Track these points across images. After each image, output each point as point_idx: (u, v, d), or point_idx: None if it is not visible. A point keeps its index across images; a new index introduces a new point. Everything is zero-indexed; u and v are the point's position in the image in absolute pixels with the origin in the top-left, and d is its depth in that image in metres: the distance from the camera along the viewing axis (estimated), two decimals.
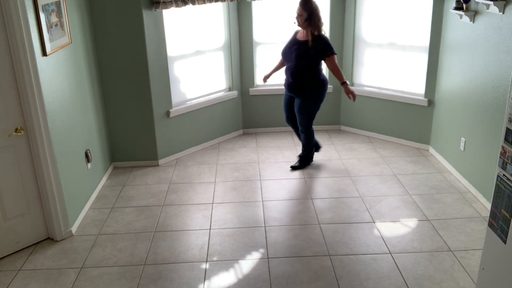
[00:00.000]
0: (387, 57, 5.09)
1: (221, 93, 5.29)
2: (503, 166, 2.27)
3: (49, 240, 3.51)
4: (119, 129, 4.64)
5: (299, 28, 4.22)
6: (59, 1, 3.47)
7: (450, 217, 3.68)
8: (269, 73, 4.67)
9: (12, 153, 3.17)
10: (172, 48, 4.66)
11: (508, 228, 2.21)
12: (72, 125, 3.73)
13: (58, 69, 3.49)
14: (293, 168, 4.63)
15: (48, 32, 3.27)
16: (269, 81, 5.54)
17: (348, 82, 4.30)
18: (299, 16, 4.08)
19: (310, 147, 4.64)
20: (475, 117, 3.95)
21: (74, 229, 3.62)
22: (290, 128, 5.64)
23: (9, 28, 2.94)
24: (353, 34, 5.23)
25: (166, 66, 4.60)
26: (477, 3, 3.75)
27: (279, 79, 5.54)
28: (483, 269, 2.47)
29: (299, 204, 3.95)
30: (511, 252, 2.20)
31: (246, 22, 5.22)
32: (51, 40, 3.32)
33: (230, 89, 5.39)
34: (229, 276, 3.05)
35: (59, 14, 3.48)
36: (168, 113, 4.73)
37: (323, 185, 4.29)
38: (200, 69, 5.03)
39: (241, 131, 5.66)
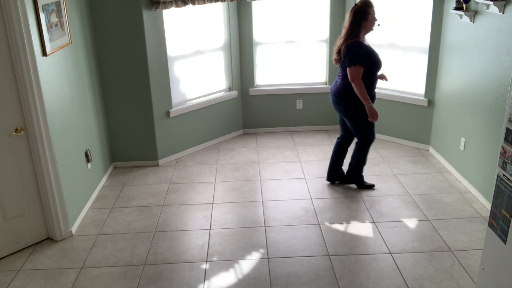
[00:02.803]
0: (387, 57, 5.07)
1: (221, 93, 5.29)
2: (503, 166, 2.27)
3: (49, 240, 3.51)
4: (119, 129, 4.64)
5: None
6: (59, 1, 3.47)
7: (450, 217, 3.68)
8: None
9: (12, 153, 3.17)
10: (172, 48, 4.66)
11: (508, 228, 2.21)
12: (72, 125, 3.73)
13: (58, 69, 3.49)
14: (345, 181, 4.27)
15: (48, 32, 3.27)
16: (269, 81, 5.56)
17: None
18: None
19: (359, 161, 4.11)
20: (475, 117, 3.95)
21: (74, 229, 3.62)
22: (290, 128, 5.68)
23: (9, 28, 2.94)
24: None
25: (166, 66, 4.60)
26: (477, 3, 3.75)
27: (280, 79, 5.57)
28: (483, 269, 2.48)
29: (299, 204, 3.95)
30: (511, 252, 2.20)
31: (246, 22, 5.22)
32: (51, 40, 3.32)
33: (230, 89, 5.39)
34: (229, 276, 3.05)
35: (59, 14, 3.48)
36: (168, 113, 4.73)
37: (323, 185, 4.28)
38: (200, 69, 5.03)
39: (241, 131, 5.66)
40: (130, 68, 4.41)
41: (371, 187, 4.20)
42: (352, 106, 3.83)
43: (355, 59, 3.64)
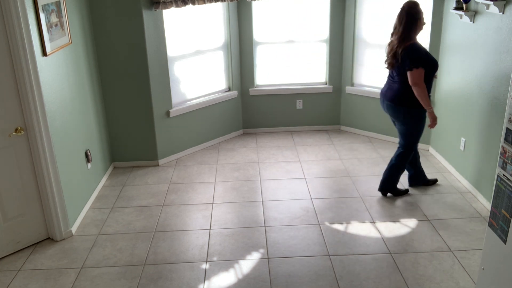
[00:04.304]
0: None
1: (221, 93, 5.29)
2: (503, 166, 2.27)
3: (49, 240, 3.51)
4: (119, 129, 4.64)
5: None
6: (59, 1, 3.47)
7: (450, 217, 3.68)
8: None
9: (12, 153, 3.17)
10: (172, 48, 4.66)
11: (508, 228, 2.21)
12: (72, 125, 3.73)
13: (58, 69, 3.49)
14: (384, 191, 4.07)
15: (48, 32, 3.27)
16: (269, 81, 5.56)
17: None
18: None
19: (397, 171, 3.99)
20: (475, 117, 3.95)
21: (74, 229, 3.62)
22: (290, 128, 5.68)
23: (9, 28, 2.94)
24: (353, 34, 5.22)
25: (166, 66, 4.60)
26: (477, 3, 3.75)
27: (280, 79, 5.56)
28: (483, 269, 2.48)
29: (299, 204, 3.95)
30: (511, 252, 2.20)
31: (246, 22, 5.22)
32: (51, 40, 3.32)
33: (230, 89, 5.39)
34: (229, 276, 3.05)
35: (59, 14, 3.49)
36: (168, 113, 4.73)
37: (323, 185, 4.29)
38: (200, 69, 5.03)
39: (241, 131, 5.66)
40: (130, 68, 4.41)
41: (406, 192, 4.08)
42: (409, 112, 3.71)
43: (417, 61, 3.50)
